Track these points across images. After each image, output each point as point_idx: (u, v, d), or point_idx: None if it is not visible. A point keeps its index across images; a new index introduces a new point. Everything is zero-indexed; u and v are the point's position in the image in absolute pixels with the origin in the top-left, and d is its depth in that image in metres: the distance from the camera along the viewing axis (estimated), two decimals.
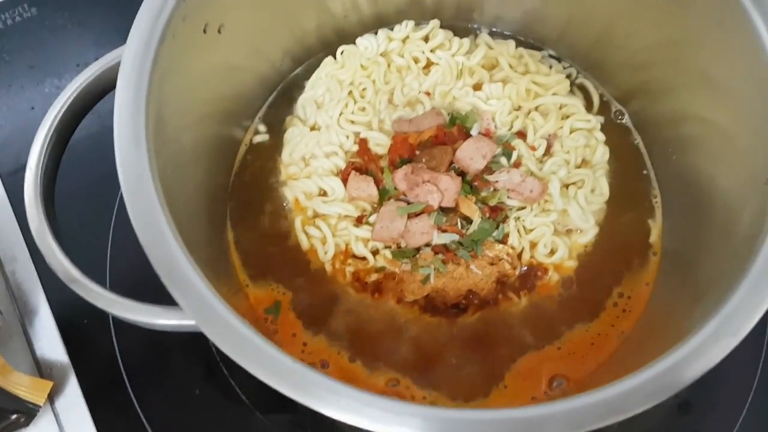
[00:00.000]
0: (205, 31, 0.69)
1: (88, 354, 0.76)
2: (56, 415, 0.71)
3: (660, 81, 0.78)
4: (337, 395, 0.52)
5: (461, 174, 0.75)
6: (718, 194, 0.68)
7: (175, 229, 0.57)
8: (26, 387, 0.69)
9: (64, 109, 0.65)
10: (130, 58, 0.61)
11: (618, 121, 0.83)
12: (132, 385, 0.76)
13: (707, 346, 0.53)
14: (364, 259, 0.75)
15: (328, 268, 0.76)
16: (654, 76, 0.78)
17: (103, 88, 0.66)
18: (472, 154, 0.75)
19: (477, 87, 0.81)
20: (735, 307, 0.54)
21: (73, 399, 0.72)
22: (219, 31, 0.71)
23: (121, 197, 0.57)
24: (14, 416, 0.68)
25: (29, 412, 0.68)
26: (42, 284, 0.76)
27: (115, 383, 0.77)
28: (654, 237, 0.76)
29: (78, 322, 0.78)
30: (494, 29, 0.87)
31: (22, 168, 0.63)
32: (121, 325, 0.71)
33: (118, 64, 0.62)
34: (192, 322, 0.55)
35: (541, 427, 0.51)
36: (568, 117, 0.79)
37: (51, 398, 0.71)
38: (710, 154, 0.71)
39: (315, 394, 0.52)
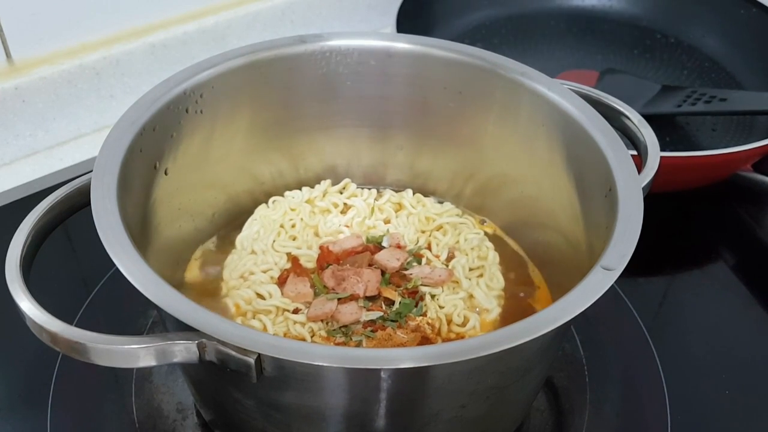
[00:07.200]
0: (155, 168, 0.85)
1: None
2: None
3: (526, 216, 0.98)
4: None
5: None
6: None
7: None
8: None
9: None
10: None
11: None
12: None
13: None
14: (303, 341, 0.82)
15: None
16: (523, 214, 0.99)
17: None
18: (388, 257, 0.90)
19: (386, 221, 0.99)
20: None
21: None
22: (165, 173, 0.86)
23: None
24: None
25: None
26: None
27: None
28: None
29: None
30: (394, 188, 1.07)
31: None
32: None
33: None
34: None
35: None
36: (461, 233, 0.96)
37: None
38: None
39: None
